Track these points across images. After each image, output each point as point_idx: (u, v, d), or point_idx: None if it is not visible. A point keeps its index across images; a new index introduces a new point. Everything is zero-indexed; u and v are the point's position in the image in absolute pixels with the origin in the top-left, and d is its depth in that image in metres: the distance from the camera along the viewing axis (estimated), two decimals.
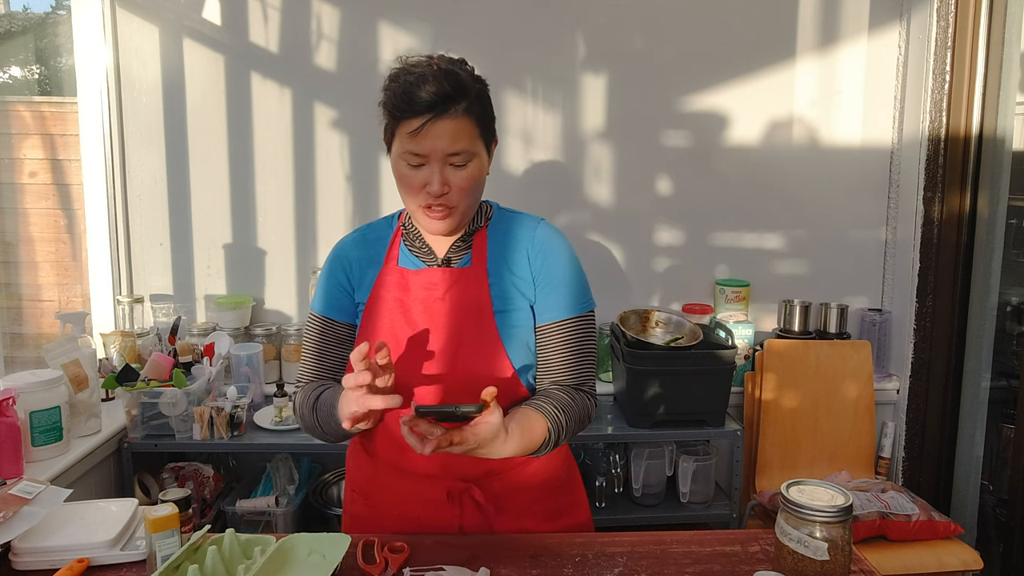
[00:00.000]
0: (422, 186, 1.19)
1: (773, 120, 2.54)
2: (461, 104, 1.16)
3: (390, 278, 1.28)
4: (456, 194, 1.19)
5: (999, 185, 2.29)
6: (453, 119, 1.15)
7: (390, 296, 1.27)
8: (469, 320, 1.25)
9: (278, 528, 2.09)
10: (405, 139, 1.16)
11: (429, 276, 1.27)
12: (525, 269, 1.29)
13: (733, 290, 2.52)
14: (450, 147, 1.16)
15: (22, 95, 2.84)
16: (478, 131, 1.20)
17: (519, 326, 1.28)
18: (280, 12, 2.40)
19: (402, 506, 1.31)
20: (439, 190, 1.17)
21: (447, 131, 1.15)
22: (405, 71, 1.18)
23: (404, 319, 1.26)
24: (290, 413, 2.18)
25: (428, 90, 1.14)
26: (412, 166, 1.18)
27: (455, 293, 1.26)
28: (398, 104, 1.16)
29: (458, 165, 1.18)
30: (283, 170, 2.48)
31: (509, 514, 1.31)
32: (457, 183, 1.19)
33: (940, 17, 2.33)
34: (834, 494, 1.13)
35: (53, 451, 1.77)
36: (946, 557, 2.05)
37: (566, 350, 1.28)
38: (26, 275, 2.77)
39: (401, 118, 1.16)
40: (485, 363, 1.25)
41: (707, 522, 2.28)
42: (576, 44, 2.47)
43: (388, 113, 1.19)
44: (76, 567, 1.14)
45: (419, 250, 1.30)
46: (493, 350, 1.25)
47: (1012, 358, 2.43)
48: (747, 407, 2.50)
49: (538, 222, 1.34)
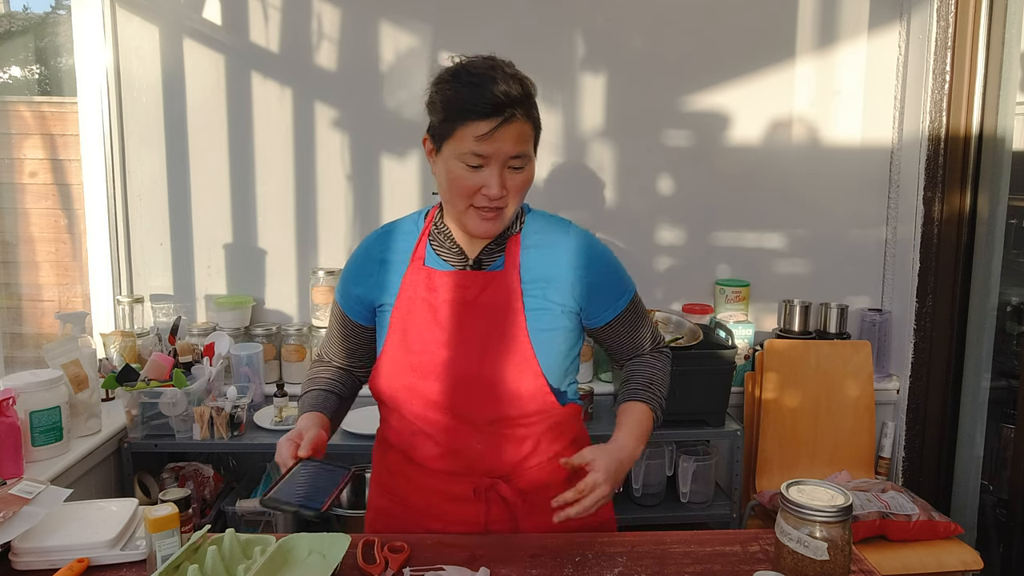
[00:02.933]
0: (477, 188, 1.17)
1: (773, 120, 2.54)
2: (526, 107, 1.16)
3: (417, 278, 1.27)
4: (511, 197, 1.19)
5: (999, 185, 2.29)
6: (519, 123, 1.15)
7: (418, 296, 1.26)
8: (499, 324, 1.24)
9: (278, 528, 2.09)
10: (469, 140, 1.14)
11: (460, 278, 1.26)
12: (563, 276, 1.29)
13: (733, 290, 2.52)
14: (514, 150, 1.15)
15: (22, 95, 2.84)
16: (534, 136, 1.20)
17: (553, 331, 1.27)
18: (280, 12, 2.40)
19: (428, 501, 1.31)
20: (498, 192, 1.16)
21: (514, 134, 1.15)
22: (465, 71, 1.16)
23: (433, 320, 1.25)
24: (290, 413, 2.18)
25: (498, 89, 1.12)
26: (471, 167, 1.16)
27: (487, 296, 1.25)
28: (462, 103, 1.13)
29: (516, 168, 1.18)
30: (283, 170, 2.48)
31: (536, 510, 1.29)
32: (513, 186, 1.19)
33: (940, 17, 2.33)
34: (834, 494, 1.13)
35: (53, 451, 1.77)
36: (946, 557, 2.05)
37: (632, 331, 1.37)
38: (26, 275, 2.77)
39: (466, 118, 1.13)
40: (515, 368, 1.24)
41: (707, 522, 2.28)
42: (576, 44, 2.47)
43: (446, 111, 1.16)
44: (76, 567, 1.14)
45: (448, 251, 1.28)
46: (523, 355, 1.24)
47: (1012, 358, 2.43)
48: (747, 407, 2.50)
49: (569, 226, 1.35)
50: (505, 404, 1.25)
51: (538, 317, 1.25)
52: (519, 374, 1.24)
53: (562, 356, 1.28)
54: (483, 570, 1.14)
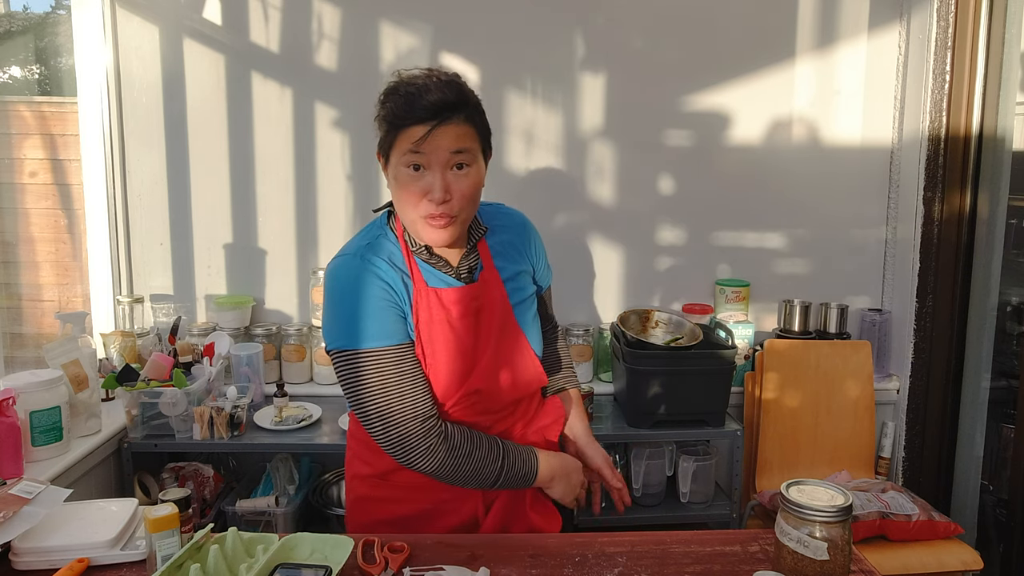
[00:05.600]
0: (423, 194, 1.19)
1: (773, 120, 2.54)
2: (463, 112, 1.18)
3: (427, 301, 1.27)
4: (458, 202, 1.20)
5: (999, 185, 2.29)
6: (456, 125, 1.17)
7: (436, 319, 1.27)
8: (501, 323, 1.33)
9: (278, 528, 2.08)
10: (407, 146, 1.17)
11: (463, 293, 1.29)
12: (524, 258, 1.41)
13: (733, 290, 2.52)
14: (452, 146, 1.17)
15: (22, 95, 2.84)
16: (478, 139, 1.22)
17: (529, 310, 1.39)
18: (280, 12, 2.40)
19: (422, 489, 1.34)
20: (441, 196, 1.18)
21: (450, 135, 1.17)
22: (404, 83, 1.19)
23: (455, 339, 1.27)
24: (290, 413, 2.18)
25: (431, 98, 1.15)
26: (414, 171, 1.18)
27: (487, 302, 1.31)
28: (399, 113, 1.16)
29: (460, 168, 1.19)
30: (283, 170, 2.48)
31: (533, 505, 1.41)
32: (459, 189, 1.20)
33: (940, 17, 2.33)
34: (834, 494, 1.13)
35: (53, 451, 1.77)
36: (946, 557, 2.05)
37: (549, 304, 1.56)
38: (26, 275, 2.77)
39: (403, 126, 1.16)
40: (519, 359, 1.35)
41: (707, 522, 2.28)
42: (576, 44, 2.47)
43: (388, 123, 1.20)
44: (76, 567, 1.14)
45: (436, 263, 1.30)
46: (520, 344, 1.35)
47: (1012, 358, 2.43)
48: (747, 407, 2.50)
49: (509, 209, 1.45)
50: (518, 390, 1.37)
51: (522, 303, 1.37)
52: (522, 362, 1.36)
53: (538, 328, 1.42)
54: (483, 570, 1.14)
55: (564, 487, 1.37)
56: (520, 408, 1.40)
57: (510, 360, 1.33)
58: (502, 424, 1.37)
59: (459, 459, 1.24)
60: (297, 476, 2.22)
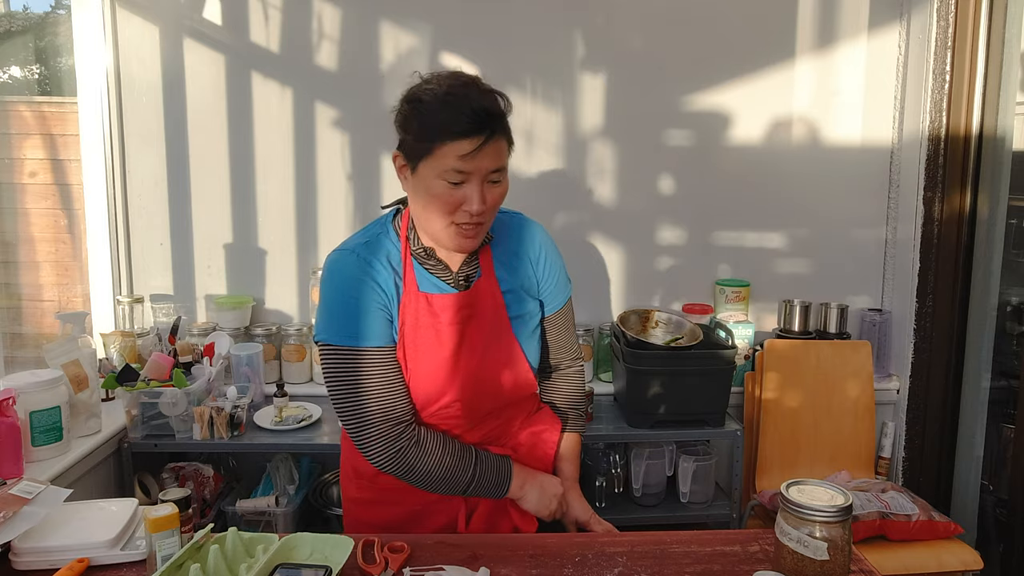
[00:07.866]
0: (458, 205, 1.18)
1: (773, 120, 2.54)
2: (503, 123, 1.19)
3: (416, 305, 1.26)
4: (489, 212, 1.21)
5: (999, 185, 2.29)
6: (497, 141, 1.18)
7: (421, 324, 1.26)
8: (493, 333, 1.30)
9: (278, 528, 2.08)
10: (451, 159, 1.14)
11: (455, 300, 1.27)
12: (530, 271, 1.36)
13: (733, 290, 2.52)
14: (495, 164, 1.18)
15: (22, 95, 2.84)
16: (508, 150, 1.24)
17: (529, 323, 1.36)
18: (281, 12, 2.40)
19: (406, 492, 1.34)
20: (480, 208, 1.17)
21: (493, 152, 1.17)
22: (441, 88, 1.16)
23: (439, 344, 1.27)
24: (290, 413, 2.18)
25: (479, 108, 1.13)
26: (452, 184, 1.16)
27: (480, 311, 1.30)
28: (445, 123, 1.13)
29: (494, 182, 1.20)
30: (283, 170, 2.48)
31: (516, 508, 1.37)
32: (492, 200, 1.21)
33: (940, 17, 2.33)
34: (834, 494, 1.13)
35: (53, 451, 1.76)
36: (946, 557, 2.05)
37: (566, 330, 1.46)
38: (26, 275, 2.77)
39: (448, 138, 1.13)
40: (510, 370, 1.33)
41: (707, 522, 2.28)
42: (576, 44, 2.47)
43: (426, 131, 1.15)
44: (76, 567, 1.14)
45: (434, 267, 1.29)
46: (514, 355, 1.33)
47: (1012, 358, 2.43)
48: (747, 407, 2.50)
49: (523, 220, 1.41)
50: (502, 399, 1.34)
51: (520, 314, 1.34)
52: (513, 373, 1.33)
53: (537, 341, 1.38)
54: (483, 570, 1.14)
55: (537, 497, 1.35)
56: (507, 412, 1.39)
57: (498, 370, 1.31)
58: (484, 428, 1.36)
59: (429, 465, 1.26)
60: (297, 476, 2.22)
